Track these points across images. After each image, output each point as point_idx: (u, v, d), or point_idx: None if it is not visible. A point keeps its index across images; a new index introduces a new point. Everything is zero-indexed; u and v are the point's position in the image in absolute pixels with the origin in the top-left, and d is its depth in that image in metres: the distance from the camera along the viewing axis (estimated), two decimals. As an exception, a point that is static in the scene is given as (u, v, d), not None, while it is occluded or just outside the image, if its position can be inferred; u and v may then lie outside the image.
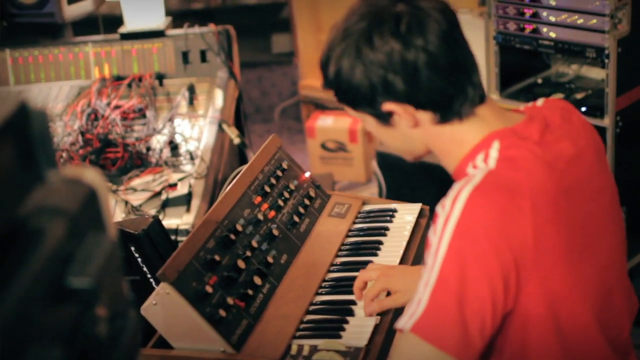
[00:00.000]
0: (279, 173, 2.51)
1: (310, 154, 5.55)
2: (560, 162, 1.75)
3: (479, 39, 3.94)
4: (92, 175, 1.12)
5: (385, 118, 1.80)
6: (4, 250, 0.97)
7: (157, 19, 4.05)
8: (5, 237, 0.97)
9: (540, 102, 1.92)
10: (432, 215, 2.52)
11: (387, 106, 1.77)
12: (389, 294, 2.14)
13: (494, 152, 1.73)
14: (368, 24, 1.74)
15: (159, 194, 3.22)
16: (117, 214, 3.11)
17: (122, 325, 1.14)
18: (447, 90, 1.75)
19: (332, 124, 5.47)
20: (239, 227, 2.21)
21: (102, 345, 1.09)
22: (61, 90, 3.88)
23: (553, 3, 3.69)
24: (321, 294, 2.22)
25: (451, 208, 1.65)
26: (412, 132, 1.81)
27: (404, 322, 1.66)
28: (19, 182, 1.00)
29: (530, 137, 1.75)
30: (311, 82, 5.91)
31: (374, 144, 5.29)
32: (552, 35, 3.74)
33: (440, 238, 1.65)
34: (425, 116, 1.77)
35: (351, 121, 5.41)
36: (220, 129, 3.58)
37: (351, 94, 1.80)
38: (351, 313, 2.12)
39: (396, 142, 1.88)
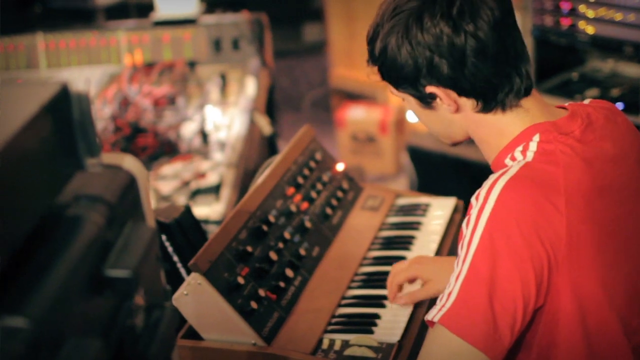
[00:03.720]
0: (313, 164, 2.48)
1: (340, 145, 5.52)
2: (599, 161, 1.72)
3: (514, 32, 3.89)
4: (132, 163, 1.10)
5: (427, 100, 1.79)
6: (43, 239, 0.94)
7: (189, 6, 4.03)
8: (45, 224, 0.94)
9: (586, 101, 1.89)
10: (465, 210, 2.49)
11: (430, 89, 1.75)
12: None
13: (534, 144, 1.71)
14: (420, 3, 1.71)
15: (188, 182, 3.20)
16: (147, 202, 3.09)
17: (159, 315, 1.12)
18: (492, 79, 1.72)
19: (362, 115, 5.43)
20: (272, 218, 2.19)
21: (139, 336, 1.06)
22: (92, 75, 3.88)
23: (591, -2, 3.64)
24: (353, 287, 2.19)
25: (485, 199, 1.63)
26: (453, 117, 1.79)
27: (434, 314, 1.65)
28: (59, 169, 0.98)
29: (572, 133, 1.73)
30: (342, 72, 5.88)
31: (404, 136, 5.25)
32: (590, 30, 3.69)
33: (473, 230, 1.63)
34: (467, 103, 1.76)
35: (382, 112, 5.37)
36: (252, 118, 3.55)
37: (395, 73, 1.79)
38: (384, 308, 2.09)
39: (436, 126, 1.86)
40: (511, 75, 1.73)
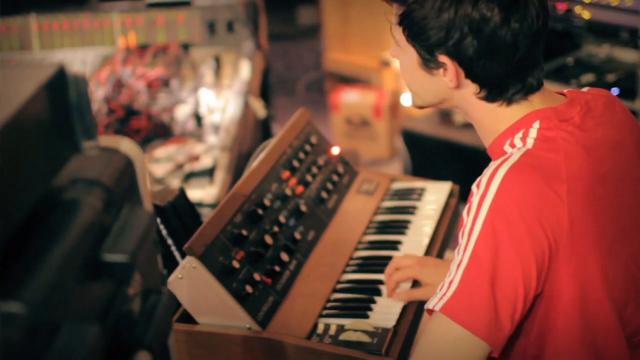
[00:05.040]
0: (308, 148, 2.46)
1: (334, 129, 5.51)
2: (599, 148, 1.71)
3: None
4: (128, 145, 1.09)
5: (430, 65, 1.75)
6: (39, 222, 0.93)
7: (183, -12, 4.01)
8: (41, 208, 0.93)
9: (584, 89, 1.88)
10: (461, 194, 2.48)
11: (443, 59, 1.72)
12: (418, 284, 2.09)
13: (534, 131, 1.70)
14: None
15: (182, 165, 3.19)
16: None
17: (156, 300, 1.11)
18: (505, 78, 1.71)
19: (356, 98, 5.42)
20: (267, 202, 2.17)
21: (135, 321, 1.05)
22: (85, 57, 3.85)
23: (588, -18, 3.63)
24: (348, 272, 2.18)
25: (486, 187, 1.62)
26: (444, 88, 1.77)
27: (435, 303, 1.63)
28: (56, 151, 0.97)
29: (571, 119, 1.72)
30: (336, 55, 5.86)
31: (398, 120, 5.25)
32: (586, 15, 3.68)
33: (475, 218, 1.62)
34: (470, 86, 1.74)
35: (376, 96, 5.36)
36: (246, 101, 3.53)
37: (418, 29, 1.72)
38: (379, 293, 2.09)
39: (421, 86, 1.82)
40: (526, 77, 1.72)
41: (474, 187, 1.66)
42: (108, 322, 0.98)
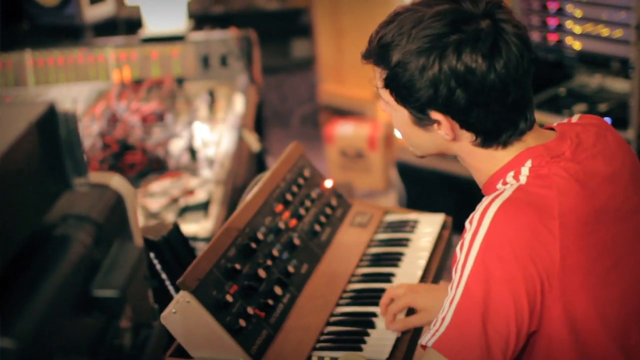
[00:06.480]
0: (301, 181, 2.48)
1: (329, 161, 5.52)
2: (593, 181, 1.70)
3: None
4: (119, 182, 1.10)
5: (424, 122, 1.75)
6: (30, 258, 0.94)
7: (178, 23, 4.04)
8: (31, 244, 0.94)
9: (575, 118, 1.87)
10: (454, 226, 2.49)
11: (436, 115, 1.72)
12: (414, 311, 2.10)
13: (526, 169, 1.70)
14: (461, 36, 1.65)
15: (177, 199, 3.20)
16: (135, 219, 3.07)
17: (147, 335, 1.12)
18: (501, 123, 1.72)
19: (351, 130, 5.44)
20: (260, 236, 2.18)
21: (126, 356, 1.06)
22: (80, 92, 3.87)
23: (578, 14, 3.65)
24: (342, 305, 2.18)
25: (479, 223, 1.62)
26: (440, 140, 1.78)
27: (427, 338, 1.64)
28: (46, 188, 0.98)
29: (563, 155, 1.72)
30: (331, 87, 5.89)
31: (393, 152, 5.26)
32: (577, 46, 3.71)
33: (467, 254, 1.62)
34: (466, 135, 1.74)
35: (370, 128, 5.38)
36: (240, 135, 3.55)
37: (406, 91, 1.72)
38: (372, 325, 2.09)
39: (417, 141, 1.83)
40: (518, 121, 1.73)
41: (467, 223, 1.66)
42: (99, 357, 0.98)
